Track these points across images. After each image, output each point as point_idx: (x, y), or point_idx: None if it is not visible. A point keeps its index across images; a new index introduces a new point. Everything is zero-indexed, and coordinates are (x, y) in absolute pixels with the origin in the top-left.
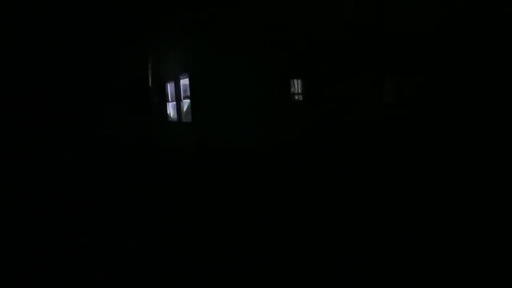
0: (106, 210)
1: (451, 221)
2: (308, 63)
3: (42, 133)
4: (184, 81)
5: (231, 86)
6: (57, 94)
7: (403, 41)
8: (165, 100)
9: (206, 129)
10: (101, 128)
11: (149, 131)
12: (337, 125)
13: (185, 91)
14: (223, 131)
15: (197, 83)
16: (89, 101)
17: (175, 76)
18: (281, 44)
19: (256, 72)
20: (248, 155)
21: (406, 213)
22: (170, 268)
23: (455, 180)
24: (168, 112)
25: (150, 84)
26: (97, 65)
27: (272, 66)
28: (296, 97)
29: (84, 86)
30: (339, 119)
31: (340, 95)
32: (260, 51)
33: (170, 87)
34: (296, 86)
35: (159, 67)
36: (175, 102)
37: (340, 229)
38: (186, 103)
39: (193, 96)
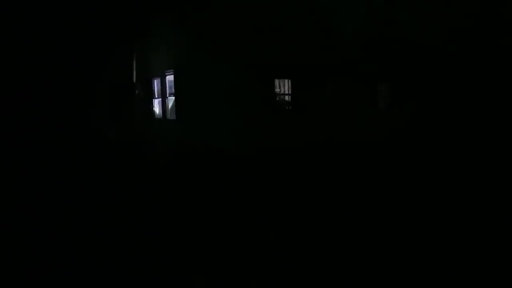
0: (90, 207)
1: (440, 231)
2: (295, 63)
3: (25, 130)
4: (170, 78)
5: (216, 84)
6: (41, 92)
7: (392, 47)
8: (150, 96)
9: (190, 127)
10: (86, 125)
11: (133, 128)
12: (324, 127)
13: (170, 87)
14: (207, 129)
15: (181, 81)
16: (74, 98)
17: (160, 73)
18: (269, 43)
19: (242, 71)
20: (231, 154)
21: (394, 220)
22: (153, 268)
23: (447, 186)
24: (153, 109)
25: (134, 80)
26: (81, 63)
27: (258, 65)
28: (281, 97)
29: (68, 84)
30: (327, 122)
31: (328, 98)
32: (246, 50)
33: (155, 84)
34: (281, 86)
35: (144, 64)
36: (160, 99)
37: (322, 236)
38: (171, 100)
39: (178, 94)
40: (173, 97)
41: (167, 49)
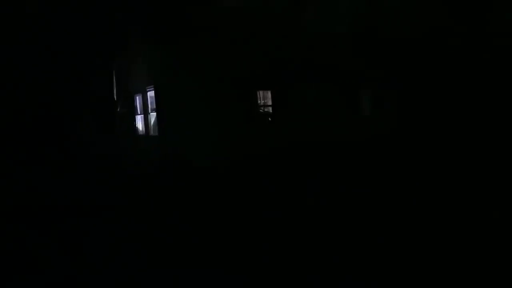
0: (72, 223)
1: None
2: (274, 77)
3: (6, 148)
4: (151, 94)
5: (196, 99)
6: (18, 109)
7: (374, 51)
8: (132, 113)
9: (172, 143)
10: (66, 142)
11: (115, 145)
12: (304, 140)
13: (152, 103)
14: (188, 144)
15: (162, 96)
16: (53, 115)
17: (142, 89)
18: (248, 57)
19: (221, 84)
20: (213, 168)
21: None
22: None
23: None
24: (135, 125)
25: (115, 97)
26: (61, 80)
27: (238, 78)
28: (262, 111)
29: (48, 100)
30: (307, 133)
31: (309, 104)
32: (226, 64)
33: (137, 100)
34: (263, 100)
35: (125, 80)
36: (142, 115)
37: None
38: (153, 116)
39: (159, 110)
40: (154, 113)
41: (147, 65)
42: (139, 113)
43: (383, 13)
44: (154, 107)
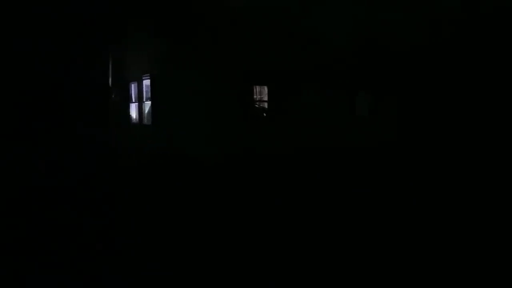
0: (63, 214)
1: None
2: (273, 69)
3: None
4: (147, 82)
5: (193, 89)
6: (12, 96)
7: (371, 53)
8: (127, 101)
9: (165, 133)
10: (58, 130)
11: (108, 133)
12: (302, 134)
13: (147, 92)
14: (182, 135)
15: (157, 85)
16: (47, 102)
17: (137, 77)
18: (247, 49)
19: (219, 77)
20: (206, 161)
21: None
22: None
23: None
24: (129, 114)
25: (110, 84)
26: (55, 66)
27: (236, 71)
28: (259, 104)
29: (41, 87)
30: (305, 128)
31: (306, 104)
32: (224, 56)
33: (132, 88)
34: (260, 93)
35: (121, 67)
36: (137, 104)
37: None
38: (148, 104)
39: (154, 99)
40: (150, 102)
41: (144, 53)
42: (133, 101)
43: (381, 18)
44: (149, 96)
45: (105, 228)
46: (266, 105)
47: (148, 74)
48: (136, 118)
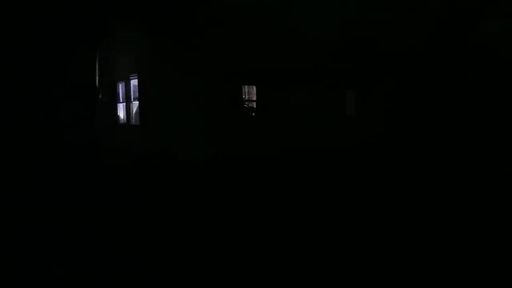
0: (48, 212)
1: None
2: (263, 69)
3: None
4: (135, 82)
5: (180, 89)
6: (3, 93)
7: (360, 53)
8: (114, 101)
9: (153, 133)
10: (44, 130)
11: (95, 133)
12: (291, 133)
13: (135, 92)
14: (170, 135)
15: (145, 85)
16: (33, 101)
17: (125, 76)
18: (235, 49)
19: (207, 76)
20: (194, 161)
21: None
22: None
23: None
24: (117, 114)
25: (97, 84)
26: (41, 65)
27: (224, 71)
28: (248, 104)
29: (27, 86)
30: (294, 127)
31: (295, 103)
32: (212, 55)
33: (120, 88)
34: (248, 93)
35: (108, 67)
36: (124, 104)
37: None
38: (136, 104)
39: (141, 99)
40: (137, 102)
41: (131, 52)
42: (121, 101)
43: (369, 18)
44: (137, 95)
45: (91, 227)
46: (254, 105)
47: (136, 74)
48: (124, 118)
